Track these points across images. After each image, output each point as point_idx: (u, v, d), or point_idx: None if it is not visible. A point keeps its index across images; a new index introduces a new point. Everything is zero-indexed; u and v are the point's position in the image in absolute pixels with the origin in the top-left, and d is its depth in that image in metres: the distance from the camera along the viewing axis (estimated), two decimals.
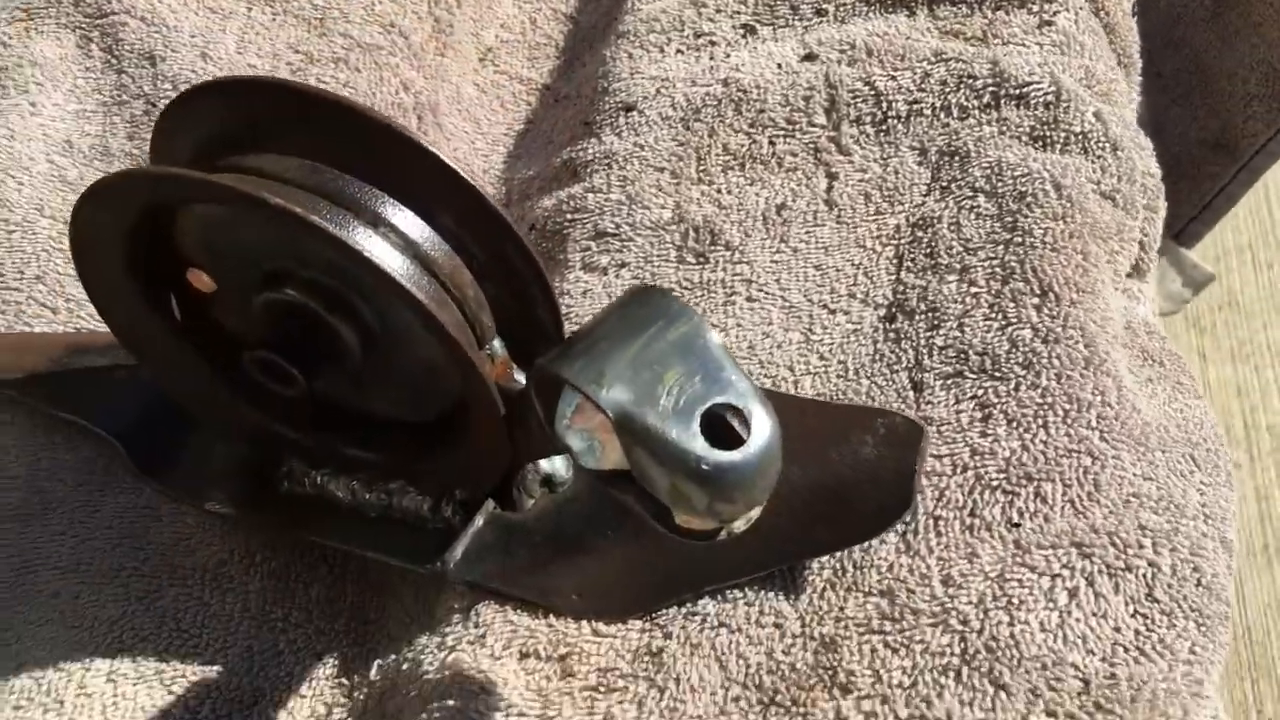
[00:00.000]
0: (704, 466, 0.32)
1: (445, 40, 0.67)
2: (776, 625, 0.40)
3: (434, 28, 0.67)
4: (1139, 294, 0.56)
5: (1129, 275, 0.56)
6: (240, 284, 0.42)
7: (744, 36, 0.60)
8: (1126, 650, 0.38)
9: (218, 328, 0.45)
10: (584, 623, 0.42)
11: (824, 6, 0.60)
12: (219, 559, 0.46)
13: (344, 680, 0.46)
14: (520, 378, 0.40)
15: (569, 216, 0.54)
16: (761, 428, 0.32)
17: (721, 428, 0.33)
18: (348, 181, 0.38)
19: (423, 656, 0.42)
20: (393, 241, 0.37)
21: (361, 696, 0.45)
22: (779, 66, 0.57)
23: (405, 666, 0.43)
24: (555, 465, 0.45)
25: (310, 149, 0.38)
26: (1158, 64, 0.79)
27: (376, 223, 0.37)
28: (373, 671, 0.44)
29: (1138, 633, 0.39)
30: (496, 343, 0.41)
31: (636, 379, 0.32)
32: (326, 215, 0.36)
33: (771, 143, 0.54)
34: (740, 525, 0.35)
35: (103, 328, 0.53)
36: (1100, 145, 0.51)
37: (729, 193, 0.53)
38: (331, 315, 0.40)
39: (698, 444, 0.32)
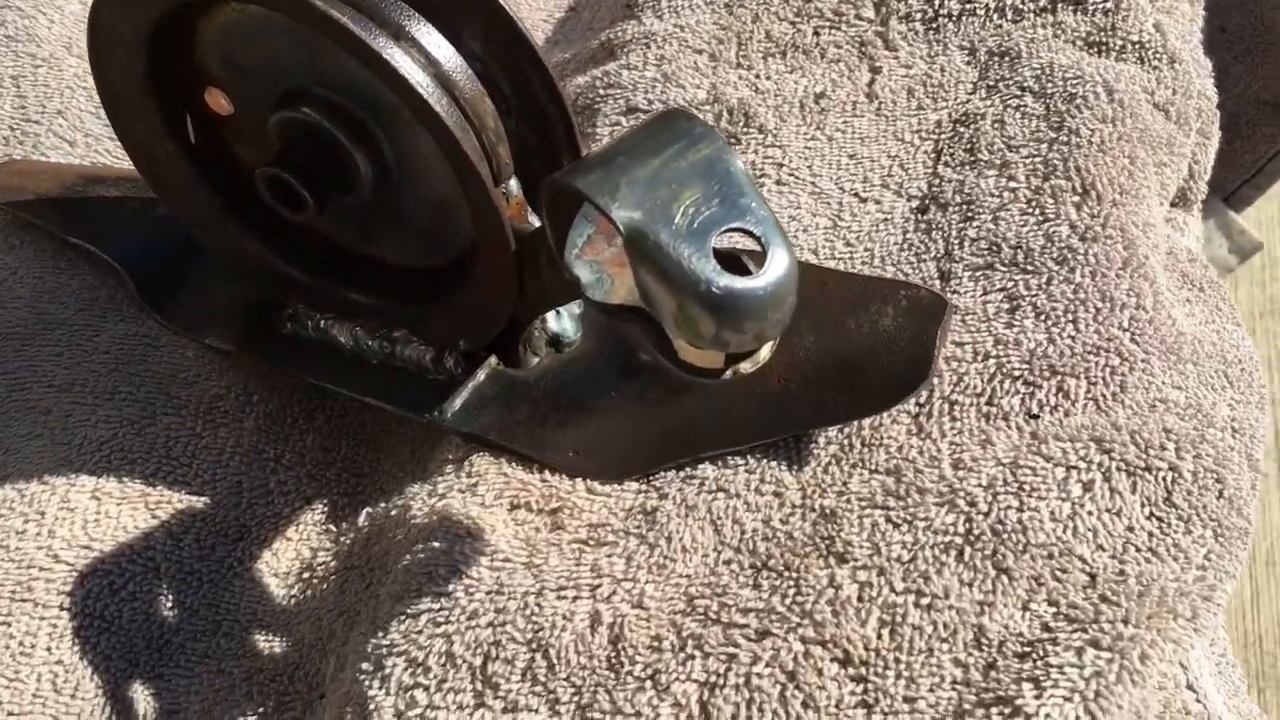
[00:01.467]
0: (714, 290, 0.30)
1: None
2: (776, 494, 0.38)
3: None
4: (1184, 225, 0.54)
5: (1174, 205, 0.54)
6: (257, 104, 0.41)
7: None
8: (1138, 550, 0.37)
9: (232, 153, 0.44)
10: (579, 481, 0.40)
11: None
12: (215, 393, 0.45)
13: (331, 527, 0.45)
14: (534, 220, 0.39)
15: (601, 92, 0.53)
16: (779, 256, 0.31)
17: (737, 267, 0.32)
18: None
19: (412, 503, 0.41)
20: (415, 57, 0.36)
21: (348, 542, 0.44)
22: None
23: (394, 513, 0.42)
24: (564, 325, 0.43)
25: None
26: (1222, 18, 0.77)
27: (400, 36, 0.36)
28: (361, 518, 0.43)
29: (1151, 534, 0.37)
30: (513, 183, 0.39)
31: (652, 196, 0.31)
32: (349, 17, 0.35)
33: (816, 33, 0.53)
34: (747, 366, 0.33)
35: (119, 163, 0.52)
36: (1157, 56, 0.49)
37: (767, 78, 0.51)
38: (347, 139, 0.39)
39: (709, 266, 0.30)
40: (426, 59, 0.36)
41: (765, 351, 0.33)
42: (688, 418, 0.40)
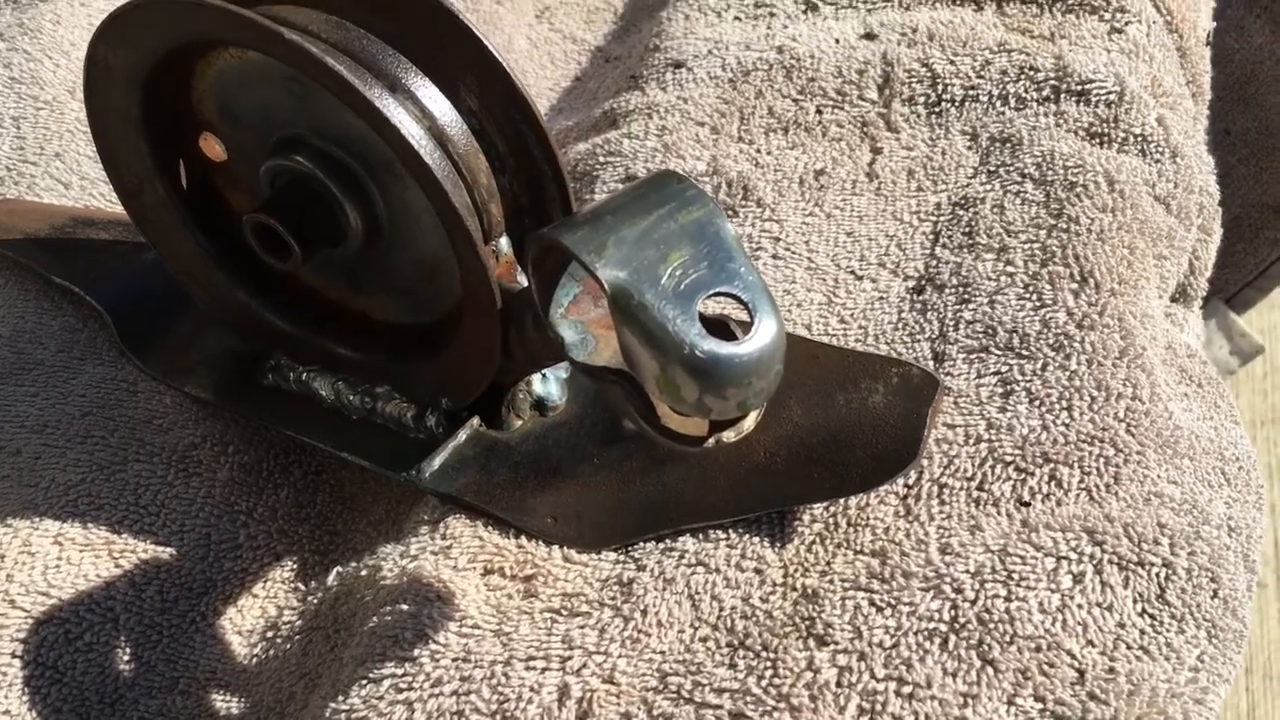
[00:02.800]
0: (698, 354, 0.29)
1: None
2: (757, 571, 0.37)
3: None
4: (1183, 321, 0.54)
5: (1174, 300, 0.54)
6: (251, 151, 0.40)
7: (805, 11, 0.58)
8: (1129, 647, 0.35)
9: (223, 200, 0.43)
10: (555, 548, 0.39)
11: None
12: (190, 442, 0.44)
13: (300, 585, 0.43)
14: (523, 280, 0.38)
15: (601, 159, 0.52)
16: (766, 323, 0.30)
17: (724, 333, 0.31)
18: (372, 41, 0.36)
19: (383, 563, 0.40)
20: (410, 109, 0.36)
21: (315, 601, 0.42)
22: (836, 41, 0.55)
23: (364, 572, 0.41)
24: (549, 388, 0.42)
25: (337, 5, 0.37)
26: (1227, 121, 0.77)
27: (396, 88, 0.36)
28: (330, 577, 0.42)
29: (1143, 631, 0.36)
30: (503, 241, 0.39)
31: (639, 255, 0.30)
32: (345, 66, 0.35)
33: (819, 111, 0.53)
34: (731, 435, 0.32)
35: (111, 207, 0.51)
36: (1159, 150, 0.49)
37: (768, 153, 0.51)
38: (338, 190, 0.39)
39: (694, 330, 0.30)
40: (421, 112, 0.36)
41: (750, 421, 0.33)
42: (670, 489, 0.39)
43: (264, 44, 0.35)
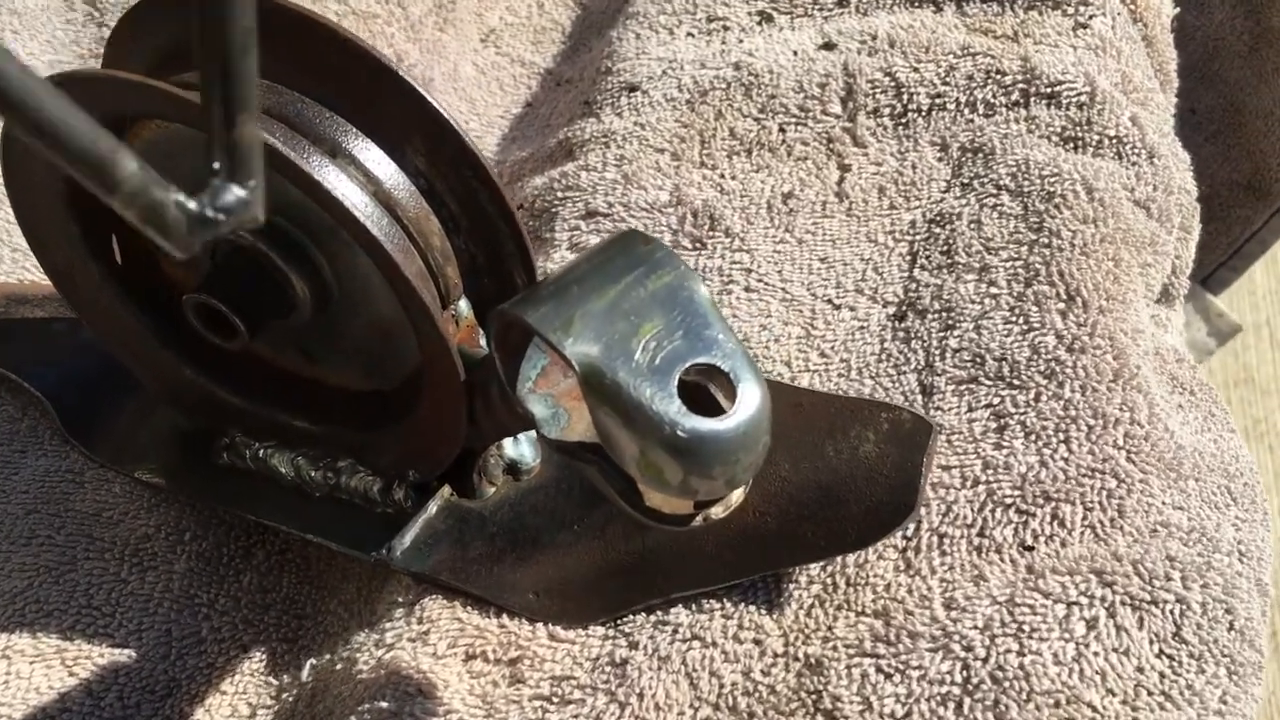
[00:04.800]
0: (680, 433, 0.27)
1: (446, 16, 0.63)
2: (756, 642, 0.35)
3: (435, 3, 0.63)
4: (1166, 321, 0.52)
5: (1158, 301, 0.52)
6: None
7: (760, 24, 0.56)
8: (1150, 694, 0.34)
9: (161, 275, 0.41)
10: (540, 625, 0.37)
11: None
12: (143, 533, 0.42)
13: (272, 679, 0.41)
14: (484, 343, 0.36)
15: (559, 195, 0.50)
16: (749, 394, 0.28)
17: (703, 399, 0.29)
18: (308, 105, 0.34)
19: (358, 655, 0.38)
20: (353, 175, 0.33)
21: (290, 698, 0.40)
22: (795, 54, 0.53)
23: (339, 666, 0.38)
24: (522, 450, 0.40)
25: (270, 69, 0.34)
26: (1192, 100, 0.76)
27: (336, 153, 0.33)
28: (304, 672, 0.40)
29: (1163, 675, 0.34)
30: (463, 303, 0.37)
31: (609, 329, 0.28)
32: (279, 137, 0.32)
33: (782, 130, 0.51)
34: (719, 511, 0.30)
35: (44, 279, 0.49)
36: (1136, 151, 0.47)
37: (733, 178, 0.49)
38: (282, 261, 0.36)
39: (674, 407, 0.27)
40: (365, 177, 0.34)
41: (737, 495, 0.31)
42: (656, 555, 0.37)
43: (183, 116, 0.33)
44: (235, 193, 0.21)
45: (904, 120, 0.50)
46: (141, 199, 0.19)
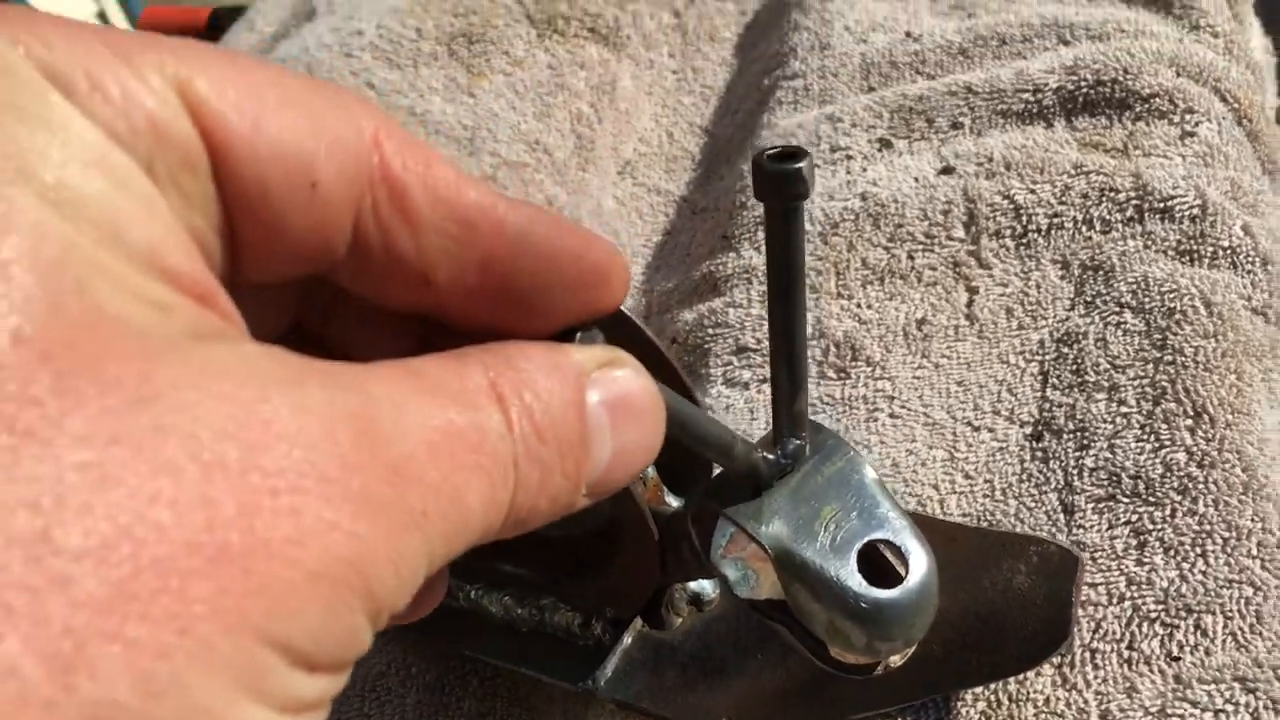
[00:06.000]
0: (862, 604, 0.32)
1: (587, 156, 0.69)
2: None
3: (576, 144, 0.69)
4: None
5: None
6: None
7: (880, 150, 0.61)
8: None
9: None
10: None
11: (960, 120, 0.60)
12: (378, 670, 0.48)
13: None
14: (671, 500, 0.41)
15: (710, 331, 0.55)
16: (919, 564, 0.32)
17: (877, 560, 0.34)
18: None
19: None
20: None
21: None
22: (916, 180, 0.58)
23: None
24: (703, 584, 0.45)
25: None
26: None
27: None
28: None
29: None
30: (649, 467, 0.42)
31: (794, 515, 0.33)
32: None
33: (910, 256, 0.55)
34: (897, 660, 0.35)
35: None
36: (1250, 260, 0.50)
37: (869, 307, 0.54)
38: None
39: (855, 581, 0.32)
40: None
41: (914, 646, 0.35)
42: (835, 681, 0.41)
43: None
44: (794, 443, 0.34)
45: (1025, 240, 0.54)
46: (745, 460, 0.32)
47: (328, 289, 0.27)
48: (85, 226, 0.19)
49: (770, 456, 0.33)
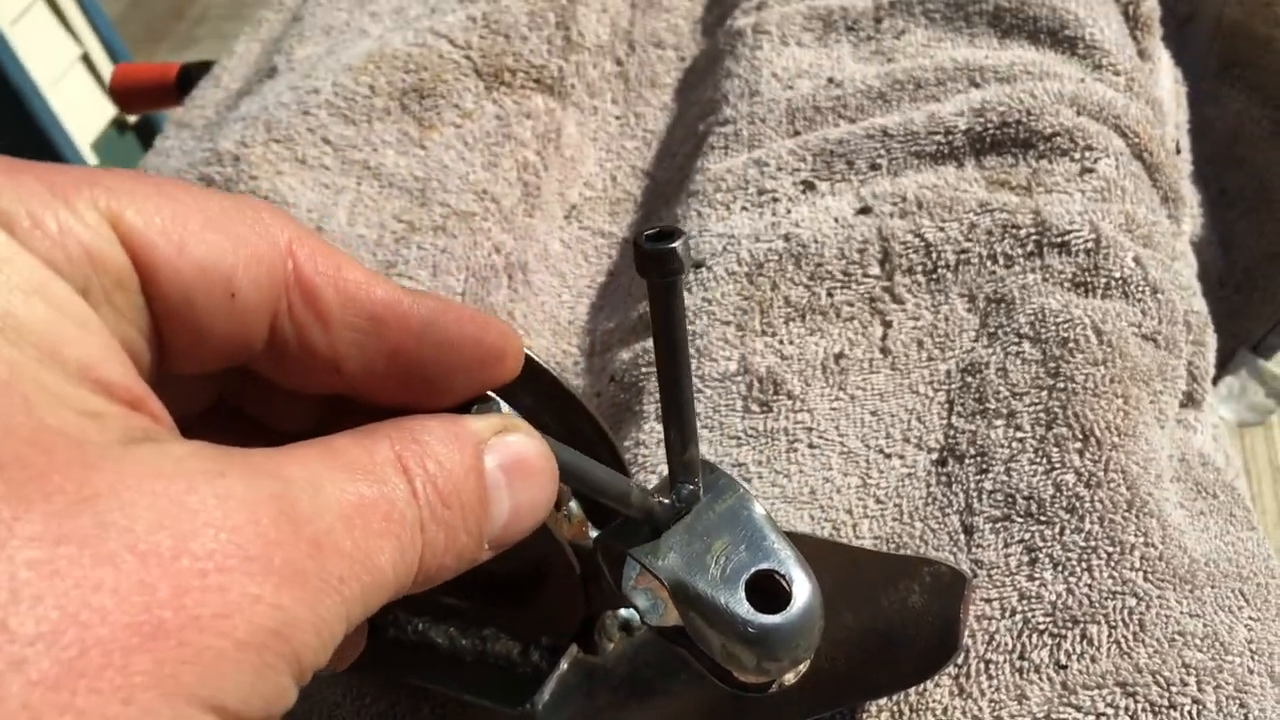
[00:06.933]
0: (750, 629, 0.35)
1: (533, 202, 0.73)
2: None
3: (523, 192, 0.73)
4: (1195, 423, 0.58)
5: (1183, 405, 0.58)
6: None
7: (803, 192, 0.64)
8: None
9: None
10: None
11: (878, 161, 0.64)
12: (333, 701, 0.51)
13: None
14: (594, 534, 0.45)
15: (644, 370, 0.59)
16: (801, 591, 0.36)
17: (770, 587, 0.37)
18: None
19: None
20: None
21: None
22: (836, 220, 0.61)
23: None
24: (633, 611, 0.48)
25: None
26: (1222, 180, 0.82)
27: None
28: None
29: None
30: (573, 504, 0.45)
31: (688, 549, 0.36)
32: None
33: (830, 294, 0.59)
34: (790, 678, 0.38)
35: None
36: (1140, 289, 0.54)
37: (790, 343, 0.57)
38: None
39: (743, 609, 0.35)
40: None
41: (805, 665, 0.38)
42: (749, 698, 0.44)
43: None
44: (688, 488, 0.37)
45: (935, 276, 0.58)
46: (641, 506, 0.36)
47: (248, 372, 0.30)
48: (28, 349, 0.22)
49: (665, 501, 0.37)
